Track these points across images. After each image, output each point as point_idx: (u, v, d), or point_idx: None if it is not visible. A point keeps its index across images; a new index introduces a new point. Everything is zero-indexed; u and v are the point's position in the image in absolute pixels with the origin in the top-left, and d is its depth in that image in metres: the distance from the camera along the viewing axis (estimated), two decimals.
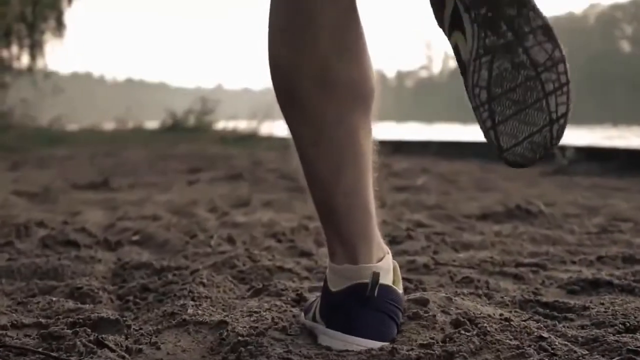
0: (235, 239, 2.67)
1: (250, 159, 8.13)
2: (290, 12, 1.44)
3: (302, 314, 1.64)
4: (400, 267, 1.66)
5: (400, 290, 1.53)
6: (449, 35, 1.42)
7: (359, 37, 1.47)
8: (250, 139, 13.08)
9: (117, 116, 18.27)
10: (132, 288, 1.92)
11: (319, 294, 1.61)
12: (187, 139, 13.48)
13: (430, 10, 1.43)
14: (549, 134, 1.33)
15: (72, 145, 12.01)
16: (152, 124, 18.29)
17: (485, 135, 1.37)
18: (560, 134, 1.35)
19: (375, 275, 1.45)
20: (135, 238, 2.76)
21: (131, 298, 1.82)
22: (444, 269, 2.15)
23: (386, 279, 1.48)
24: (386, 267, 1.50)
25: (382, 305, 1.46)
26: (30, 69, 23.03)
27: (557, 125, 1.34)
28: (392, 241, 2.64)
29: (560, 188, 5.28)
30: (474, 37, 1.36)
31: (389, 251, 1.54)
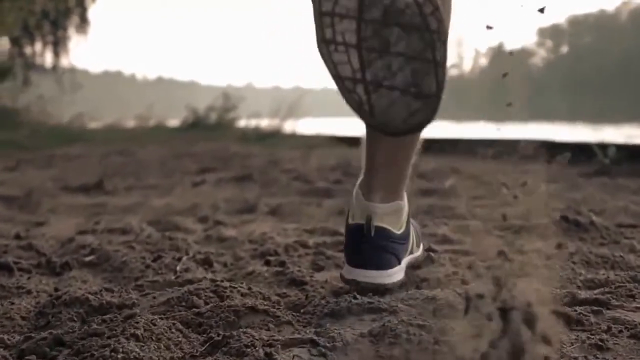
0: (212, 260, 2.13)
1: (268, 158, 7.61)
2: None
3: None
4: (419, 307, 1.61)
5: (401, 231, 1.79)
6: None
7: None
8: (272, 137, 12.56)
9: (139, 114, 17.82)
10: (41, 341, 1.37)
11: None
12: (208, 136, 12.99)
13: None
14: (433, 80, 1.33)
15: (88, 144, 11.56)
16: (175, 122, 17.85)
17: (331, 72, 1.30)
18: (442, 80, 1.33)
19: (368, 217, 1.72)
20: (88, 259, 2.22)
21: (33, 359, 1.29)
22: (475, 313, 1.61)
23: (388, 222, 1.76)
24: (390, 210, 1.76)
25: (380, 243, 1.72)
26: (54, 67, 22.75)
27: (441, 70, 1.32)
28: (410, 265, 2.10)
29: (605, 192, 4.70)
30: None
31: (406, 204, 1.85)
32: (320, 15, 1.27)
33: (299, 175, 5.30)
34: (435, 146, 9.40)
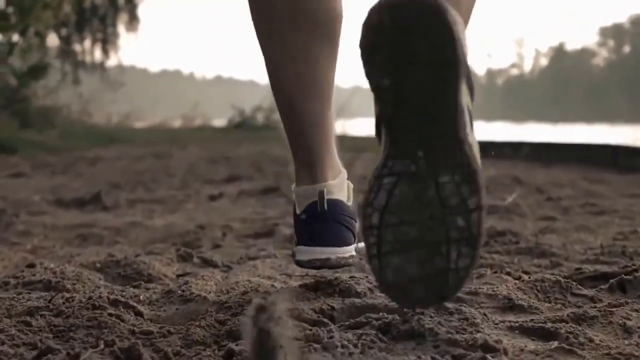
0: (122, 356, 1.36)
1: None
2: None
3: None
4: None
5: (350, 203, 1.71)
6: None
7: None
8: None
9: (184, 113, 17.32)
10: None
11: None
12: (253, 138, 12.37)
13: None
14: (444, 283, 1.19)
15: (126, 145, 10.98)
16: (222, 122, 17.34)
17: (369, 262, 1.25)
18: (457, 285, 1.21)
19: (321, 193, 1.65)
20: None
21: None
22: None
23: (339, 195, 1.68)
24: (338, 184, 1.69)
25: (336, 217, 1.65)
26: (101, 64, 22.35)
27: (455, 276, 1.20)
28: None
29: None
30: (384, 152, 1.26)
31: (344, 170, 1.74)
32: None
33: None
34: (494, 150, 8.64)
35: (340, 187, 1.70)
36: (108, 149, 10.08)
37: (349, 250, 1.66)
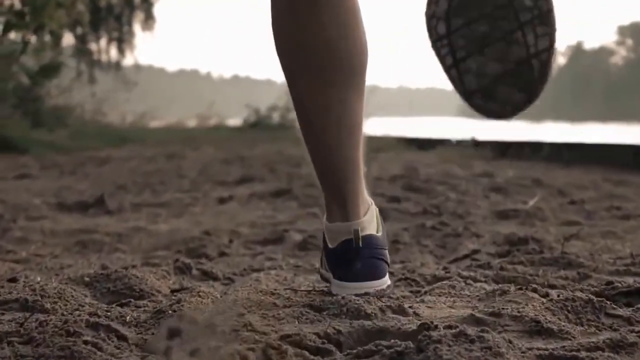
0: None
1: None
2: None
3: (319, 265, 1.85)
4: None
5: (380, 233, 1.71)
6: None
7: (358, 18, 1.56)
8: None
9: (200, 113, 17.18)
10: None
11: None
12: (268, 137, 12.20)
13: None
14: (529, 72, 1.12)
15: (140, 145, 10.83)
16: (237, 121, 17.19)
17: (447, 75, 1.24)
18: (544, 72, 1.16)
19: (356, 232, 1.65)
20: None
21: None
22: None
23: (371, 229, 1.68)
24: (369, 219, 1.69)
25: (370, 252, 1.66)
26: (117, 63, 22.26)
27: (538, 61, 1.15)
28: None
29: None
30: None
31: (372, 201, 1.74)
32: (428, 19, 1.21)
33: None
34: (512, 150, 8.44)
35: (371, 220, 1.70)
36: (120, 149, 9.94)
37: (386, 282, 1.69)
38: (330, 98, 1.61)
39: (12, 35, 11.70)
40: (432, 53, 1.23)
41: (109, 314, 1.49)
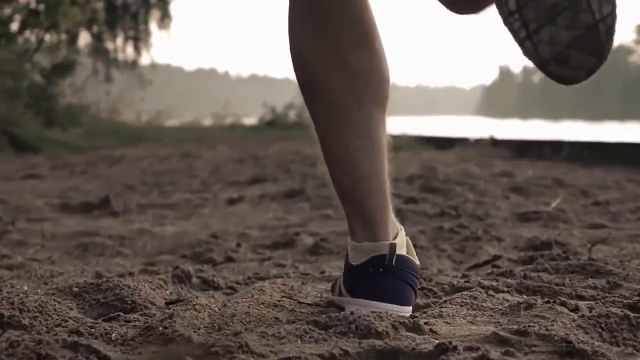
0: None
1: None
2: (311, 4, 1.54)
3: (330, 293, 1.74)
4: None
5: (416, 262, 1.61)
6: None
7: (374, 31, 1.56)
8: None
9: (215, 112, 17.06)
10: None
11: None
12: (283, 136, 12.06)
13: None
14: (597, 35, 1.22)
15: (155, 144, 10.71)
16: (255, 120, 17.05)
17: (521, 48, 1.28)
18: (610, 35, 1.24)
19: (393, 246, 1.56)
20: None
21: None
22: None
23: (401, 251, 1.58)
24: (401, 242, 1.60)
25: (401, 273, 1.56)
26: (134, 62, 22.15)
27: (604, 25, 1.24)
28: None
29: None
30: None
31: (402, 227, 1.64)
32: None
33: None
34: (532, 150, 8.26)
35: (402, 244, 1.61)
36: (135, 148, 9.82)
37: (409, 311, 1.57)
38: (358, 123, 1.57)
39: (28, 33, 11.61)
40: (505, 29, 1.27)
41: (92, 330, 1.35)
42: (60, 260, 2.59)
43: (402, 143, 9.62)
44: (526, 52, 1.28)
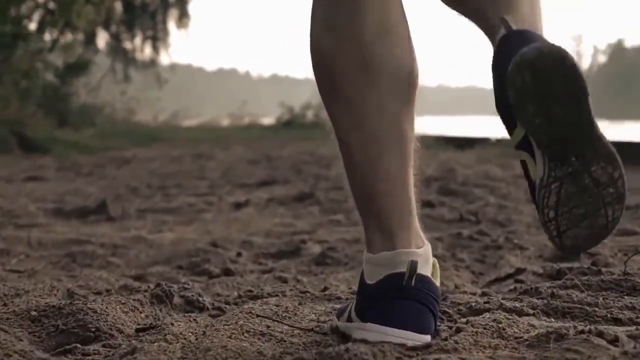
0: None
1: None
2: None
3: (335, 318, 1.54)
4: None
5: (438, 284, 1.44)
6: (516, 148, 1.44)
7: (401, 21, 1.45)
8: None
9: (232, 112, 16.89)
10: None
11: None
12: (300, 136, 11.84)
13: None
14: (607, 232, 1.42)
15: (170, 144, 10.52)
16: (273, 120, 16.86)
17: (550, 239, 1.42)
18: (613, 229, 1.43)
19: (413, 264, 1.39)
20: None
21: None
22: None
23: (424, 269, 1.41)
24: (425, 256, 1.43)
25: (421, 295, 1.38)
26: (152, 62, 22.01)
27: (613, 224, 1.42)
28: None
29: None
30: (545, 167, 1.40)
31: (429, 243, 1.47)
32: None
33: None
34: None
35: (426, 259, 1.43)
36: (148, 148, 9.63)
37: (427, 340, 1.36)
38: (369, 103, 1.43)
39: (47, 33, 11.47)
40: (541, 227, 1.43)
41: None
42: (43, 271, 2.38)
43: (422, 143, 9.39)
44: (552, 242, 1.42)
